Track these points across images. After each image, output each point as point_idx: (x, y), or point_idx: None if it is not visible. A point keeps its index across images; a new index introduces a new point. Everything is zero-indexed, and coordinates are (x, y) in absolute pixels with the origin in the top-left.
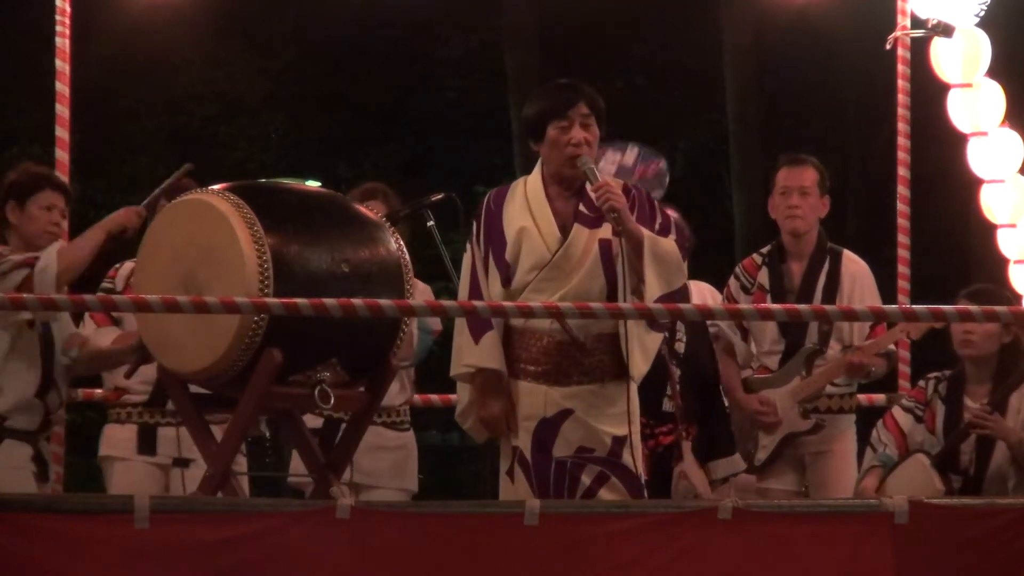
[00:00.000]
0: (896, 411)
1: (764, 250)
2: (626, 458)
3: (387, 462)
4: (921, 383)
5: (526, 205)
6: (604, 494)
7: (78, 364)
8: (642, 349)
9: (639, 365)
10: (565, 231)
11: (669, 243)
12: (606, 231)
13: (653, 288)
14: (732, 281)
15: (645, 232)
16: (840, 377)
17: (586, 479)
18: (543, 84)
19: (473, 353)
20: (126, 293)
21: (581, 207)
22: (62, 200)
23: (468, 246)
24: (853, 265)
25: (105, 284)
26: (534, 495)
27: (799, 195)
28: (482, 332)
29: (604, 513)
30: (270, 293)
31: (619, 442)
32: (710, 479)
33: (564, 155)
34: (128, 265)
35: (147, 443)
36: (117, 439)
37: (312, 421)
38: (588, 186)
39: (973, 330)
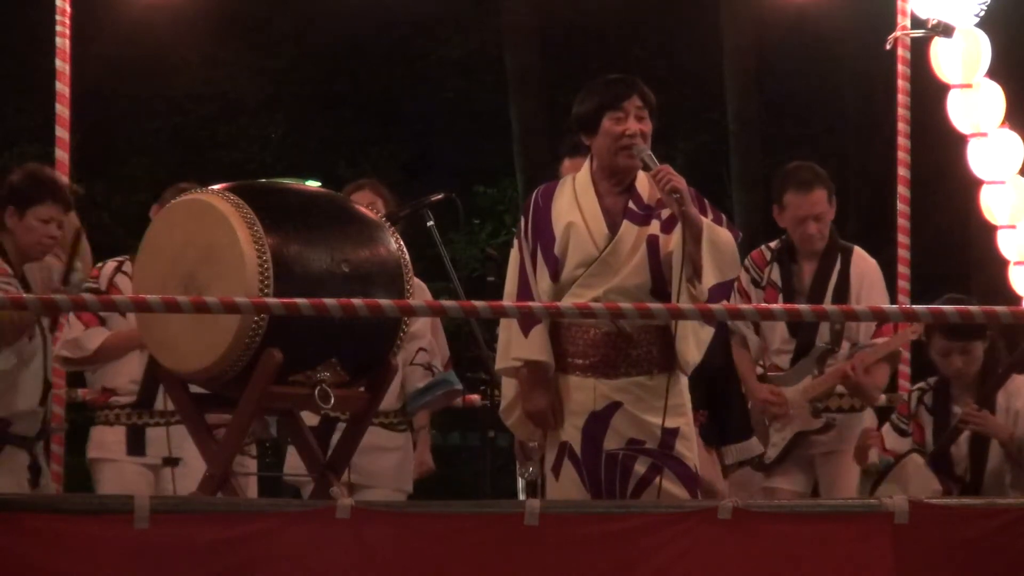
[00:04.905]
0: (885, 431)
1: (773, 245)
2: (679, 449)
3: (385, 463)
4: (903, 396)
5: (575, 201)
6: (660, 483)
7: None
8: (696, 340)
9: (693, 355)
10: (614, 228)
11: (726, 233)
12: (655, 228)
13: (708, 276)
14: (742, 274)
15: (704, 219)
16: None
17: (640, 468)
18: (595, 80)
19: (523, 346)
20: (112, 292)
21: (631, 204)
22: (62, 212)
23: (515, 241)
24: (863, 263)
25: (89, 284)
26: (585, 490)
27: (814, 221)
28: (532, 325)
29: (604, 513)
30: (270, 293)
31: (671, 434)
32: (722, 463)
33: (619, 145)
34: (110, 264)
35: (136, 444)
36: (106, 441)
37: (309, 419)
38: (647, 173)
39: (961, 365)
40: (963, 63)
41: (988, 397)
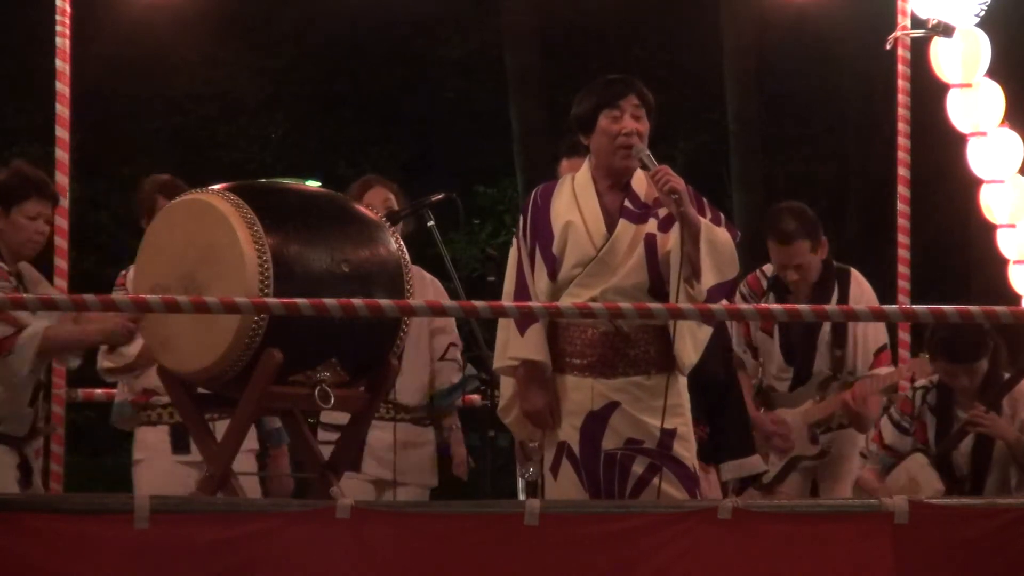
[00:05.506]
0: (883, 424)
1: (768, 270)
2: (677, 450)
3: (416, 458)
4: (908, 393)
5: (574, 200)
6: (658, 484)
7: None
8: (693, 340)
9: (689, 356)
10: (611, 227)
11: (724, 233)
12: (652, 226)
13: (707, 276)
14: (738, 300)
15: (702, 219)
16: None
17: (638, 469)
18: (595, 80)
19: (519, 346)
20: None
21: (627, 202)
22: (49, 208)
23: (514, 240)
24: (858, 288)
25: (117, 290)
26: (584, 489)
27: (794, 271)
28: (528, 324)
29: (604, 513)
30: (270, 293)
31: (669, 434)
32: (720, 480)
33: (616, 144)
34: (133, 269)
35: (180, 442)
36: (149, 441)
37: (340, 419)
38: (646, 172)
39: (967, 383)
40: (963, 63)
41: (994, 402)
